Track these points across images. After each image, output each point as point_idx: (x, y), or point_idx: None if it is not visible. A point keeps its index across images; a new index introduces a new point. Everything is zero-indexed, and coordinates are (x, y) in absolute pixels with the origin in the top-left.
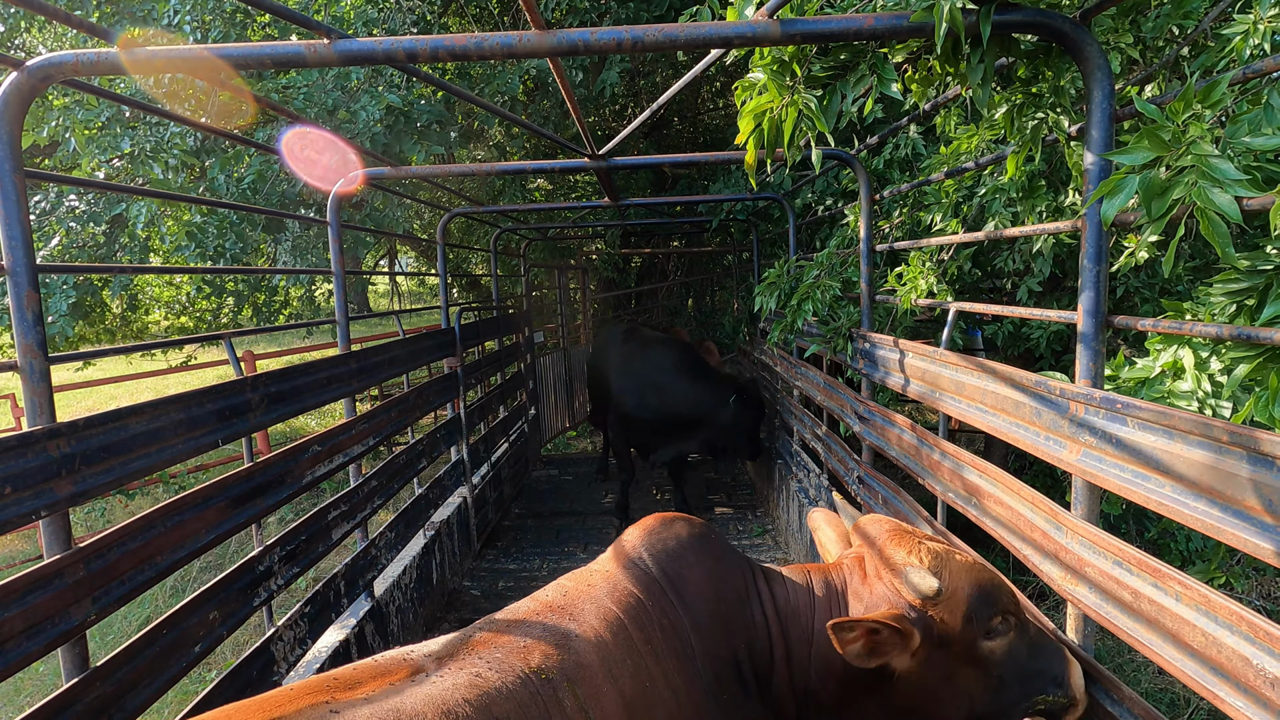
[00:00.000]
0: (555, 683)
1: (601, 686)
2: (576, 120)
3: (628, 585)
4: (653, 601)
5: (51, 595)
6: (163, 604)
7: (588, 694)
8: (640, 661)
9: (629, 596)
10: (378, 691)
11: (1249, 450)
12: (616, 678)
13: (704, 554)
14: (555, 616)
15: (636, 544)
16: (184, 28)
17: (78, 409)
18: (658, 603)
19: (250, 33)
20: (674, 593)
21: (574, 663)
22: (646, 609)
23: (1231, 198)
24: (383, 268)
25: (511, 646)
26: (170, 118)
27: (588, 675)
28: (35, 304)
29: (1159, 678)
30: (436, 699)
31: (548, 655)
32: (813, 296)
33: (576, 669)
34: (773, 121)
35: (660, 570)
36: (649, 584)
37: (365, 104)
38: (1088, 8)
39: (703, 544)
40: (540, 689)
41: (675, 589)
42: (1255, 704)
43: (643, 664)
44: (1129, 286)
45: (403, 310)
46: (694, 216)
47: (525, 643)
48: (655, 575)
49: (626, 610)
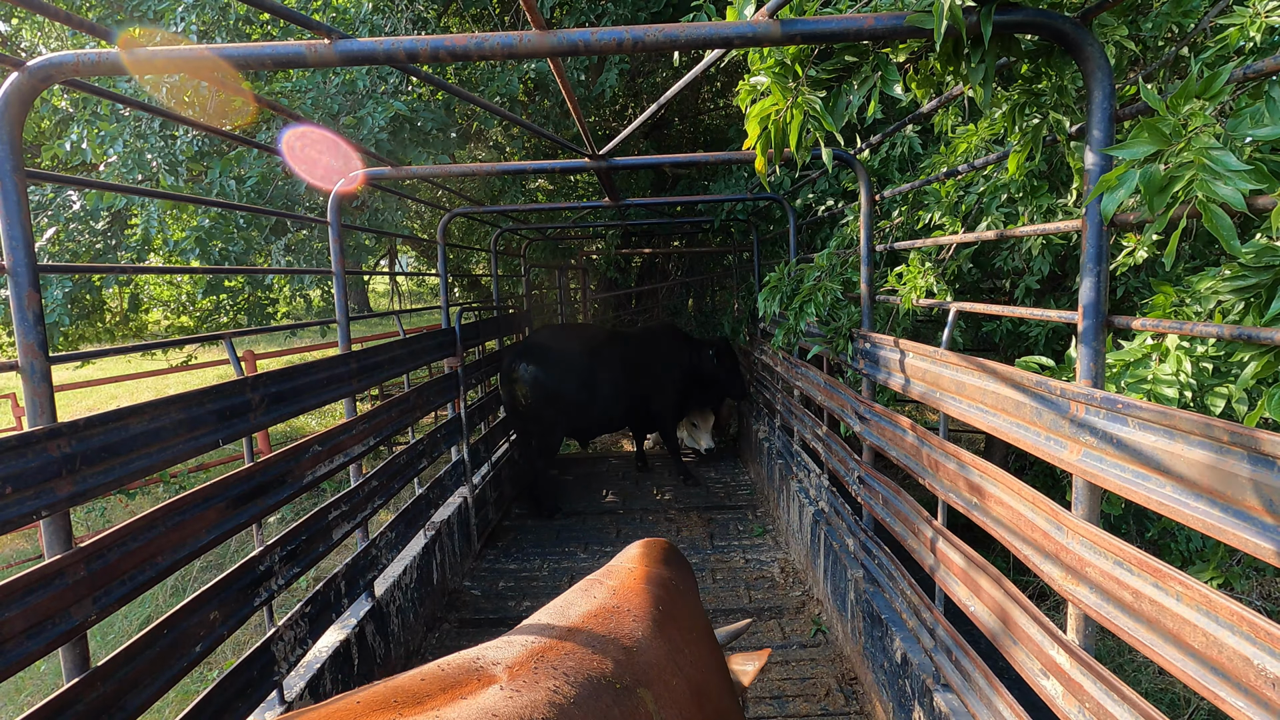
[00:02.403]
0: (630, 690)
1: (671, 681)
2: (577, 120)
3: (655, 588)
4: (681, 598)
5: (52, 595)
6: (163, 604)
7: (659, 694)
8: (695, 645)
9: (667, 586)
10: (450, 708)
11: (1249, 450)
12: (682, 667)
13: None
14: (615, 618)
15: (648, 555)
16: (190, 35)
17: (78, 408)
18: (684, 586)
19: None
20: (686, 584)
21: (643, 664)
22: (679, 606)
23: (1234, 189)
24: (383, 268)
25: (583, 655)
26: (172, 118)
27: (658, 675)
28: (36, 304)
29: (1159, 678)
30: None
31: (619, 662)
32: (814, 299)
33: (647, 671)
34: (778, 124)
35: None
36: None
37: (371, 110)
38: (1088, 8)
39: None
40: (617, 700)
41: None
42: (1256, 704)
43: (696, 645)
44: (1129, 286)
45: (403, 310)
46: (694, 216)
47: (594, 649)
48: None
49: (670, 599)
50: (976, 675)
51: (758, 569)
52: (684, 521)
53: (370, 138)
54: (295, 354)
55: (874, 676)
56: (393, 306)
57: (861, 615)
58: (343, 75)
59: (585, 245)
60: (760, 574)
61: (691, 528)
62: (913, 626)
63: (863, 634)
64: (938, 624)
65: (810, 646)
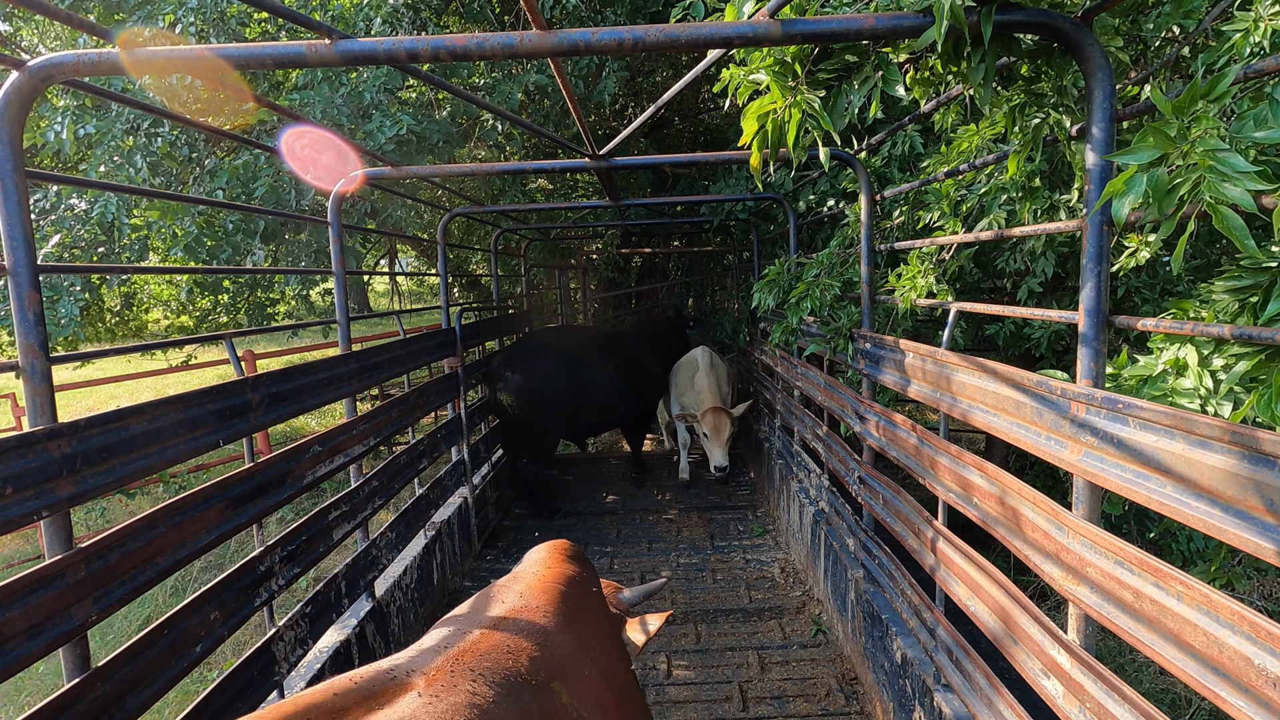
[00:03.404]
0: (545, 684)
1: (583, 671)
2: (577, 120)
3: (565, 579)
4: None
5: (53, 595)
6: (163, 604)
7: (573, 685)
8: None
9: (572, 582)
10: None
11: (1250, 450)
12: (592, 657)
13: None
14: (525, 616)
15: (556, 552)
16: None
17: (77, 408)
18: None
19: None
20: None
21: (556, 658)
22: (586, 597)
23: (1244, 190)
24: (383, 268)
25: (497, 655)
26: (175, 119)
27: (571, 667)
28: (36, 304)
29: (1160, 678)
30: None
31: (533, 659)
32: (811, 295)
33: (559, 664)
34: (776, 123)
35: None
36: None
37: (380, 124)
38: (1089, 7)
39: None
40: (534, 695)
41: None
42: (1257, 704)
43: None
44: (1130, 286)
45: (403, 310)
46: (694, 216)
47: (508, 649)
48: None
49: (576, 594)
50: (977, 675)
51: (758, 569)
52: (684, 522)
53: (377, 149)
54: (295, 354)
55: (874, 676)
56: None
57: (862, 615)
58: (349, 86)
59: (585, 245)
60: (760, 574)
61: (691, 528)
62: (913, 626)
63: (863, 634)
64: (938, 624)
65: (810, 646)
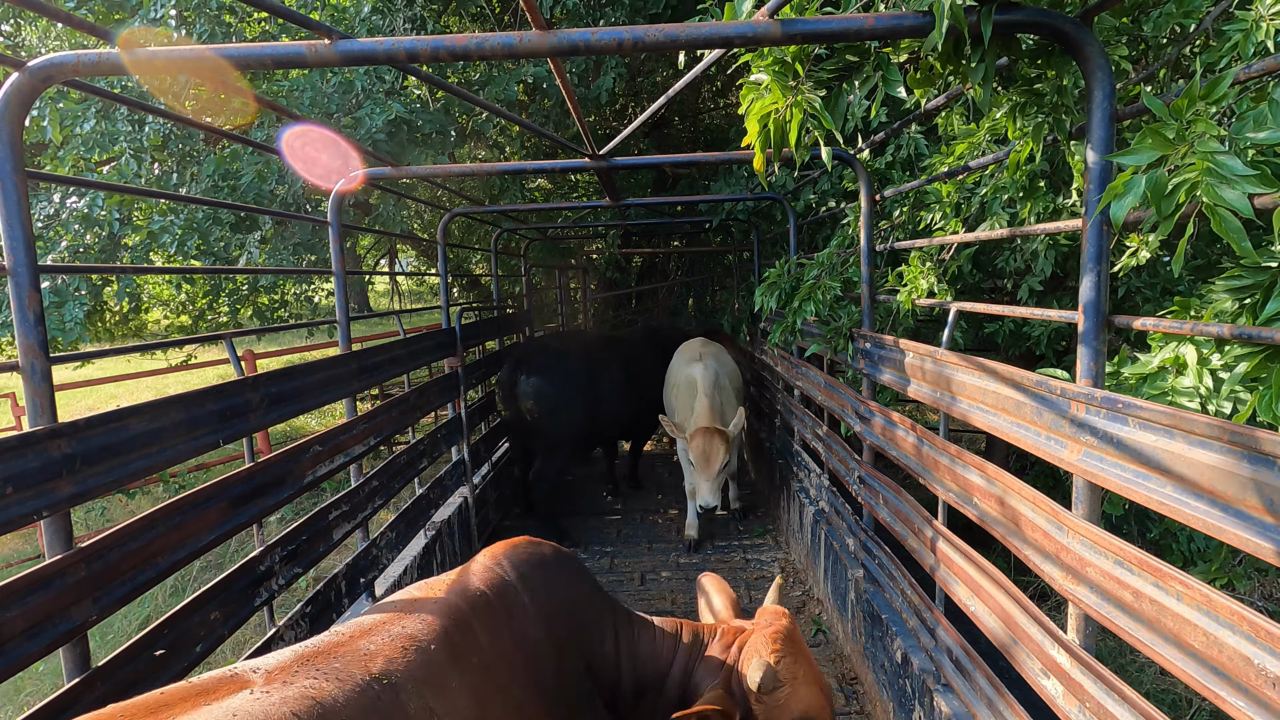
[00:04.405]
0: (399, 686)
1: (450, 683)
2: (577, 120)
3: (480, 587)
4: (504, 603)
5: (52, 595)
6: (163, 603)
7: (435, 693)
8: (488, 656)
9: (481, 597)
10: (191, 713)
11: (1249, 450)
12: (465, 672)
13: (563, 575)
14: (403, 622)
15: (499, 554)
16: (168, 23)
17: (77, 408)
18: (509, 604)
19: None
20: (529, 598)
21: (421, 663)
22: (496, 608)
23: (1241, 193)
24: (383, 267)
25: (352, 655)
26: (172, 118)
27: (436, 674)
28: (36, 304)
29: (1161, 678)
30: (259, 717)
31: (392, 660)
32: (814, 297)
33: (425, 669)
34: (778, 123)
35: (518, 577)
36: (503, 588)
37: (369, 111)
38: (1089, 7)
39: (564, 567)
40: (381, 694)
41: (531, 595)
42: (1256, 704)
43: (491, 658)
44: (1130, 286)
45: (403, 310)
46: (694, 216)
47: (368, 650)
48: (512, 580)
49: (476, 608)
50: (977, 675)
51: (758, 569)
52: (684, 522)
53: (368, 138)
54: (295, 354)
55: (874, 676)
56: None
57: (862, 615)
58: (340, 75)
59: (585, 245)
60: (760, 574)
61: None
62: (913, 626)
63: (863, 634)
64: (938, 624)
65: (810, 646)
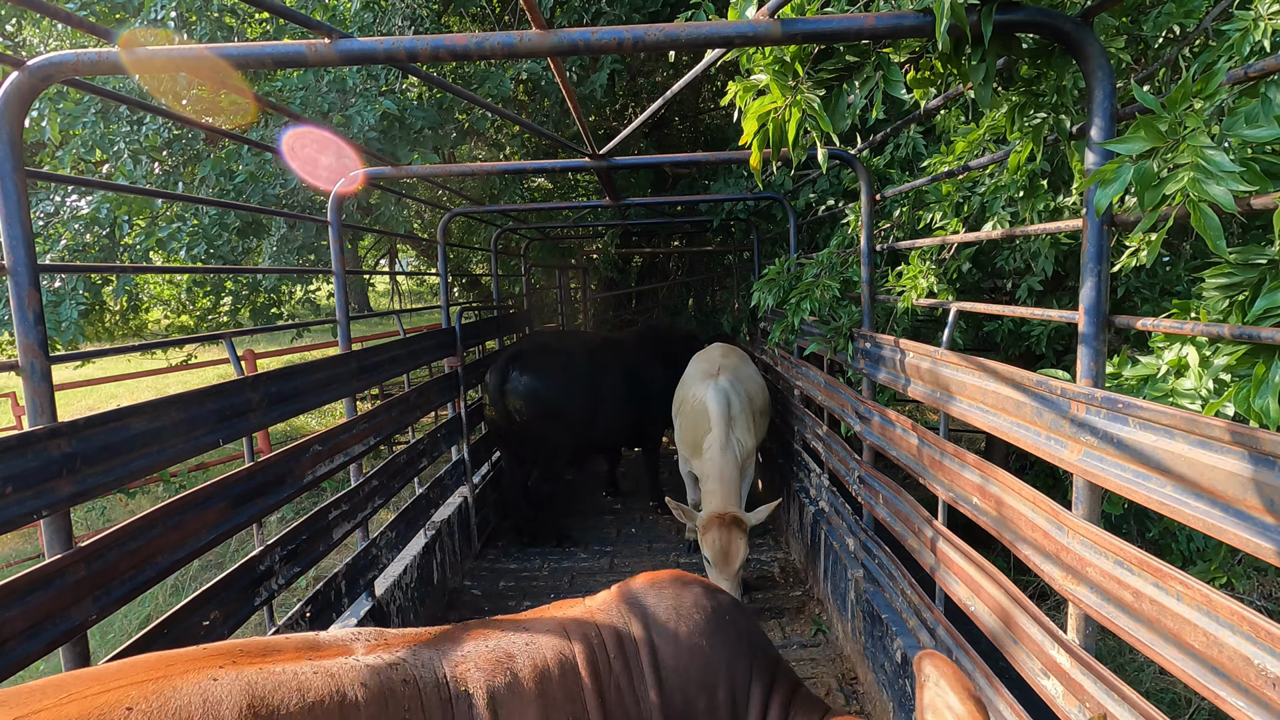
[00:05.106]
0: (471, 697)
1: (529, 714)
2: (577, 119)
3: (600, 634)
4: (620, 659)
5: (52, 595)
6: (163, 603)
7: (509, 715)
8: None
9: (598, 646)
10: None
11: (1249, 450)
12: (548, 713)
13: (704, 631)
14: (512, 638)
15: (640, 595)
16: (169, 24)
17: (77, 408)
18: (625, 662)
19: (248, 29)
20: (649, 659)
21: (506, 684)
22: (610, 663)
23: (1226, 189)
24: (383, 267)
25: (448, 651)
26: (170, 116)
27: (517, 700)
28: (36, 303)
29: (1160, 678)
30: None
31: (479, 668)
32: (811, 295)
33: (507, 690)
34: (776, 122)
35: (646, 628)
36: (625, 640)
37: (360, 108)
38: (1089, 7)
39: (709, 619)
40: (440, 692)
41: (653, 656)
42: (1256, 704)
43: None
44: (1130, 286)
45: (403, 310)
46: (694, 216)
47: (463, 652)
48: (637, 635)
49: (589, 656)
50: (977, 675)
51: (758, 569)
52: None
53: (360, 135)
54: (295, 353)
55: (874, 676)
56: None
57: (862, 615)
58: (334, 73)
59: (585, 245)
60: (760, 574)
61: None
62: (913, 626)
63: (863, 633)
64: (938, 624)
65: (810, 646)
